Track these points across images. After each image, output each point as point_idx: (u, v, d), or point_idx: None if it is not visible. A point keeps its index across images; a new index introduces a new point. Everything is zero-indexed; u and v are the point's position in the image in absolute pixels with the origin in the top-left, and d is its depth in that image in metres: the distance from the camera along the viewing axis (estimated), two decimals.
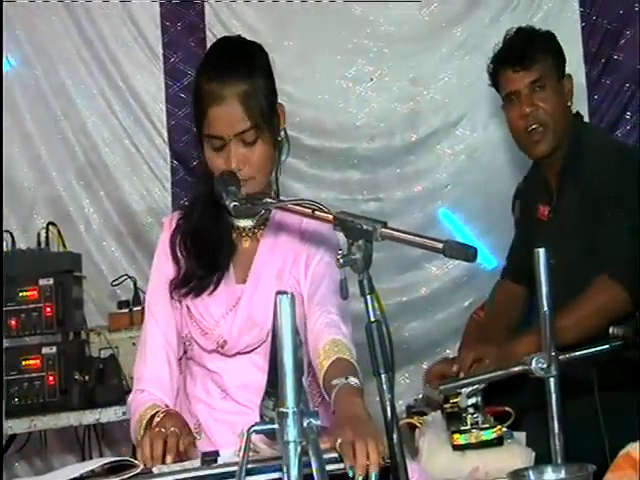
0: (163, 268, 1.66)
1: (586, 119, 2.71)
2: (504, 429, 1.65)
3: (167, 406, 1.56)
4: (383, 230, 1.22)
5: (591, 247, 1.96)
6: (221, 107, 1.56)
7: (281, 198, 1.65)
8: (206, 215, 1.64)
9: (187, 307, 1.64)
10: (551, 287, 1.37)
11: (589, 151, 2.02)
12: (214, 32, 2.91)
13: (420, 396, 2.15)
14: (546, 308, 1.37)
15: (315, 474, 1.06)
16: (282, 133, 1.64)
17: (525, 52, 2.04)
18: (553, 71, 2.07)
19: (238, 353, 1.62)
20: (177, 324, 1.65)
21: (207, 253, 1.63)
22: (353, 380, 1.40)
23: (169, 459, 1.38)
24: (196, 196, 1.70)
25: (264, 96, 1.59)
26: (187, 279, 1.63)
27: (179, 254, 1.65)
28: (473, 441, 1.62)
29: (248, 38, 1.74)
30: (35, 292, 2.28)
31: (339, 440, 1.24)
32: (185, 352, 1.67)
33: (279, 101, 1.66)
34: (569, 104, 2.10)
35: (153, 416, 1.50)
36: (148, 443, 1.39)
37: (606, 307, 1.89)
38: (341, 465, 1.22)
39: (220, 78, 1.58)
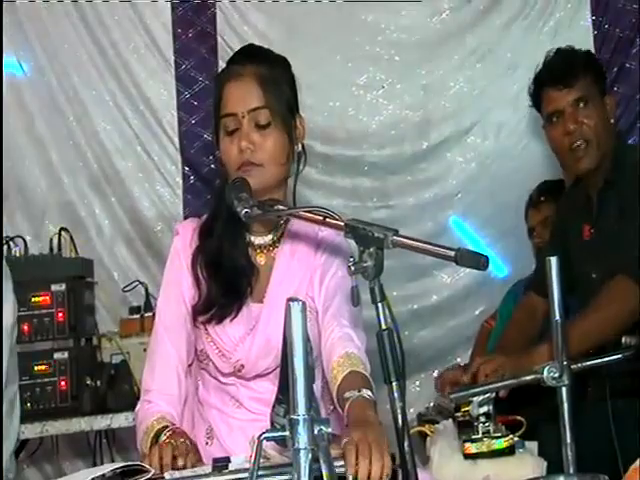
0: (178, 278, 1.64)
1: None
2: (516, 438, 1.64)
3: (173, 417, 1.56)
4: (395, 238, 1.22)
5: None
6: (238, 83, 1.57)
7: (292, 206, 1.64)
8: (227, 235, 1.62)
9: (203, 324, 1.62)
10: (563, 296, 1.37)
11: (631, 169, 2.01)
12: (225, 39, 2.93)
13: (431, 404, 2.15)
14: (557, 317, 1.36)
15: None
16: (300, 146, 1.64)
17: (567, 70, 2.05)
18: (595, 88, 2.07)
19: (256, 376, 1.61)
20: (191, 337, 1.63)
21: (230, 279, 1.61)
22: (366, 393, 1.39)
23: (180, 462, 1.37)
24: (215, 211, 1.66)
25: (282, 89, 1.60)
26: (209, 305, 1.61)
27: (200, 276, 1.62)
28: (484, 450, 1.61)
29: (260, 44, 1.76)
30: (47, 297, 2.29)
31: (344, 441, 1.24)
32: (200, 362, 1.66)
33: (301, 114, 1.66)
34: (611, 121, 2.10)
35: (160, 430, 1.49)
36: (157, 455, 1.39)
37: (627, 309, 1.88)
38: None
39: (241, 61, 1.61)
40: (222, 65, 2.92)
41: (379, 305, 1.21)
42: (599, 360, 1.63)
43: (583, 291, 1.99)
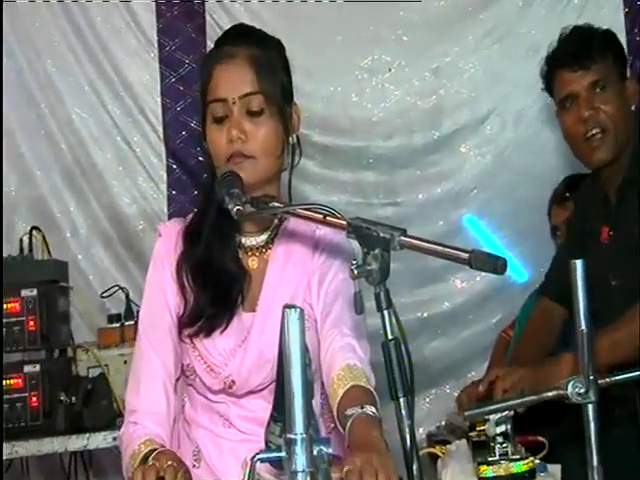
0: (161, 284, 1.64)
1: None
2: (537, 461, 1.65)
3: (162, 439, 1.56)
4: (402, 238, 1.23)
5: None
6: (228, 66, 1.58)
7: (287, 203, 1.64)
8: (216, 237, 1.62)
9: (190, 337, 1.62)
10: (589, 303, 1.37)
11: None
12: (215, 17, 2.94)
13: (443, 423, 2.16)
14: (584, 327, 1.37)
15: None
16: (294, 137, 1.65)
17: (583, 50, 2.03)
18: (614, 71, 2.05)
19: (248, 392, 1.61)
20: (177, 349, 1.63)
21: (219, 287, 1.61)
22: (370, 409, 1.39)
23: None
24: (202, 210, 1.66)
25: (277, 74, 1.61)
26: (196, 317, 1.61)
27: (186, 284, 1.62)
28: (502, 474, 1.62)
29: (252, 24, 1.76)
30: (17, 304, 2.30)
31: (345, 468, 1.24)
32: (186, 377, 1.67)
33: (295, 102, 1.66)
34: (632, 109, 2.08)
35: (148, 454, 1.49)
36: (140, 476, 1.38)
37: None
38: None
39: (232, 41, 1.61)
40: (211, 46, 2.91)
41: (385, 313, 1.22)
42: (629, 375, 1.63)
43: (601, 299, 1.99)
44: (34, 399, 2.28)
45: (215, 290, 1.61)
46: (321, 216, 1.36)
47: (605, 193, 2.10)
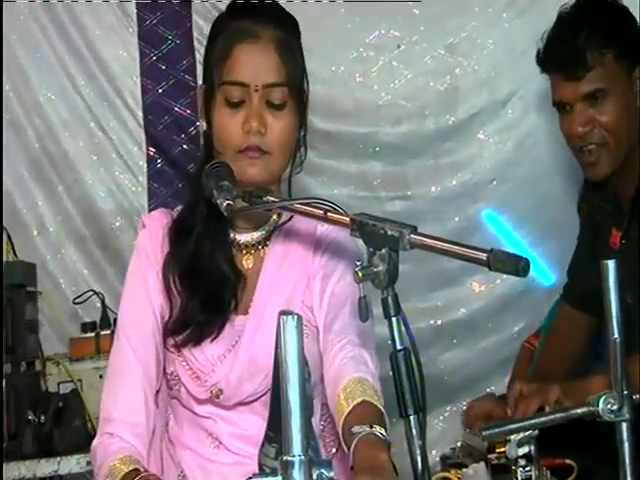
0: (144, 280, 1.66)
1: None
2: None
3: (142, 456, 1.57)
4: (412, 236, 1.24)
5: None
6: (253, 46, 1.59)
7: (284, 197, 1.66)
8: (207, 234, 1.64)
9: (176, 345, 1.64)
10: (622, 310, 1.38)
11: None
12: None
13: (458, 444, 2.16)
14: (616, 335, 1.37)
15: None
16: (303, 129, 1.68)
17: (575, 56, 1.93)
18: (618, 71, 1.97)
19: (238, 404, 1.63)
20: (160, 353, 1.65)
21: (210, 291, 1.62)
22: (379, 430, 1.40)
23: None
24: (191, 203, 1.68)
25: (299, 62, 1.64)
26: (184, 324, 1.62)
27: (173, 287, 1.64)
28: None
29: None
30: None
31: None
32: (169, 388, 1.68)
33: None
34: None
35: (131, 474, 1.49)
36: None
37: None
38: None
39: (254, 16, 1.62)
40: (196, 19, 2.94)
41: (393, 320, 1.23)
42: None
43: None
44: None
45: (206, 295, 1.63)
46: (321, 212, 1.38)
47: (617, 197, 2.09)
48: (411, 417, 1.21)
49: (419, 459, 1.21)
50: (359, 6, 2.91)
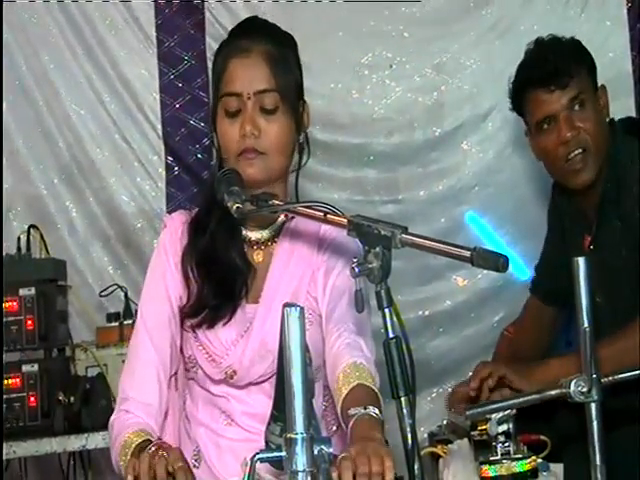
0: (163, 274, 1.67)
1: (632, 112, 2.73)
2: (539, 460, 1.65)
3: (154, 430, 1.56)
4: (403, 236, 1.24)
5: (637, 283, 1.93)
6: (244, 60, 1.60)
7: (289, 201, 1.66)
8: (221, 231, 1.65)
9: (192, 328, 1.64)
10: (592, 301, 1.38)
11: (631, 173, 1.94)
12: (214, 13, 2.94)
13: (444, 422, 2.16)
14: (586, 324, 1.37)
15: None
16: (304, 136, 1.67)
17: (558, 67, 1.96)
18: (589, 84, 2.00)
19: (249, 384, 1.63)
20: (176, 341, 1.66)
21: (223, 279, 1.63)
22: (373, 410, 1.40)
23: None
24: (206, 205, 1.69)
25: (291, 71, 1.63)
26: (199, 308, 1.63)
27: (190, 275, 1.65)
28: (504, 473, 1.62)
29: None
30: (15, 303, 2.31)
31: (340, 456, 1.24)
32: (187, 370, 1.68)
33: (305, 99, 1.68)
34: (606, 120, 2.04)
35: (142, 445, 1.48)
36: (147, 463, 1.35)
37: None
38: None
39: (247, 35, 1.63)
40: (209, 42, 2.93)
41: (386, 311, 1.23)
42: (632, 373, 1.64)
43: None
44: (32, 399, 2.29)
45: (219, 282, 1.63)
46: (321, 214, 1.38)
47: (582, 206, 2.08)
48: (402, 398, 1.21)
49: (409, 436, 1.21)
50: (355, 30, 2.91)
